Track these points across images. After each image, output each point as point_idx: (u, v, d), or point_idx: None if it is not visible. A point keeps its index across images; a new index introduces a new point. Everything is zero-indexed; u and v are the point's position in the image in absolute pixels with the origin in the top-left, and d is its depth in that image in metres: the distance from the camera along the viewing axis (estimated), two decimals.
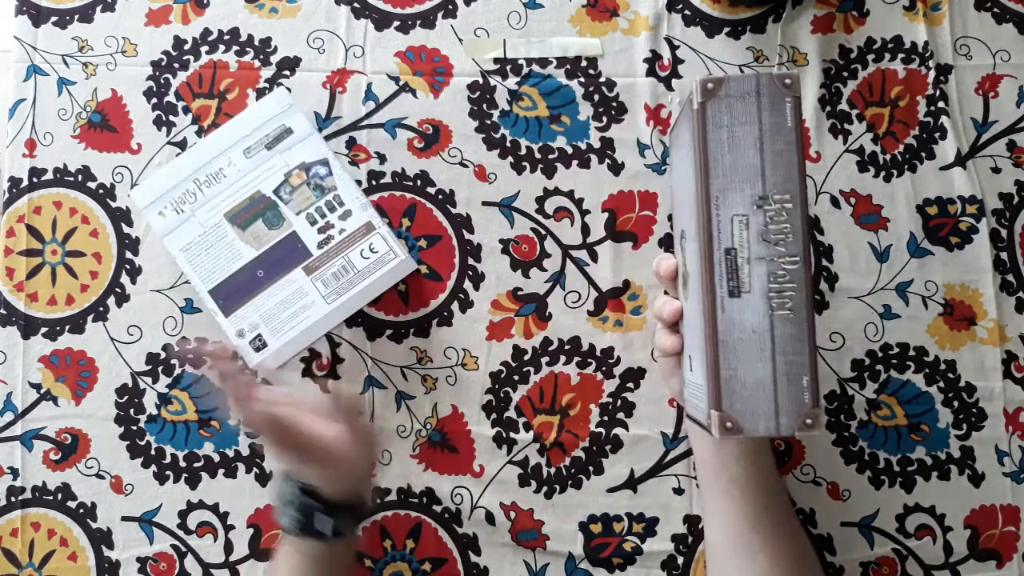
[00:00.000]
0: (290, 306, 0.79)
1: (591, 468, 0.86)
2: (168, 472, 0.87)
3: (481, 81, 0.91)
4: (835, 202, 0.89)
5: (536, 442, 0.86)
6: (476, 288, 0.88)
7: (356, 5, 0.92)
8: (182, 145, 0.90)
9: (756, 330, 0.58)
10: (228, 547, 0.86)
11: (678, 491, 0.85)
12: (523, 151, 0.89)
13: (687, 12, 0.92)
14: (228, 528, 0.86)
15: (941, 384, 0.87)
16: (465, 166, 0.90)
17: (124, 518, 0.86)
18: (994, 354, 0.87)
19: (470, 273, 0.88)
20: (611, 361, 0.87)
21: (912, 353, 0.87)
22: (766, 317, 0.58)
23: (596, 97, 0.90)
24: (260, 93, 0.90)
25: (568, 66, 0.91)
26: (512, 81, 0.91)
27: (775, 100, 0.57)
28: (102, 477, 0.87)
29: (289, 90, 0.88)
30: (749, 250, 0.58)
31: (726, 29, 0.91)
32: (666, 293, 0.75)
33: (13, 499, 0.86)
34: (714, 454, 0.76)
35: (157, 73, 0.91)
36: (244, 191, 0.81)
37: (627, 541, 0.85)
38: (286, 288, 0.79)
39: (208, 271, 0.80)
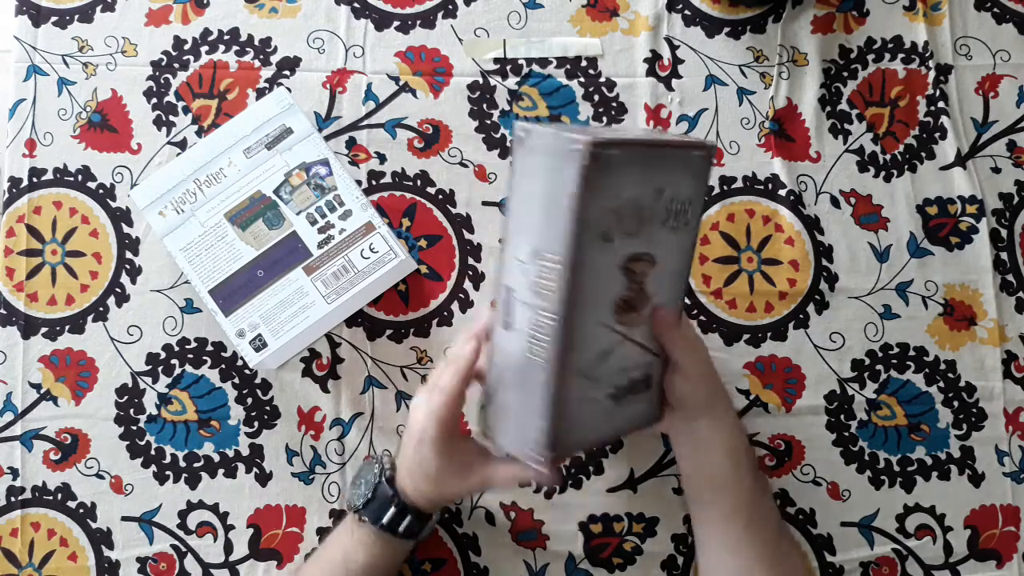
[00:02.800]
0: (290, 306, 0.79)
1: (591, 468, 0.86)
2: (168, 472, 0.86)
3: (481, 81, 0.91)
4: (835, 202, 0.89)
5: None
6: (476, 288, 0.88)
7: (356, 5, 0.92)
8: (182, 145, 0.90)
9: (514, 363, 0.62)
10: (228, 547, 0.86)
11: (678, 491, 0.85)
12: None
13: (687, 12, 0.92)
14: (228, 528, 0.86)
15: (941, 384, 0.87)
16: (465, 166, 0.90)
17: (124, 518, 0.86)
18: (994, 354, 0.87)
19: (470, 273, 0.88)
20: None
21: (912, 353, 0.87)
22: (523, 357, 0.61)
23: (596, 97, 0.90)
24: (260, 93, 0.90)
25: (568, 66, 0.91)
26: (512, 81, 0.91)
27: (565, 163, 0.55)
28: (102, 477, 0.86)
29: (289, 90, 0.88)
30: (522, 294, 0.60)
31: (726, 29, 0.92)
32: None
33: (13, 499, 0.86)
34: (697, 466, 0.76)
35: (157, 73, 0.91)
36: (244, 191, 0.81)
37: (627, 541, 0.85)
38: (286, 288, 0.79)
39: (208, 271, 0.80)
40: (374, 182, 0.89)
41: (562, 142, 0.56)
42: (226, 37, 0.91)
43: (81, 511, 0.86)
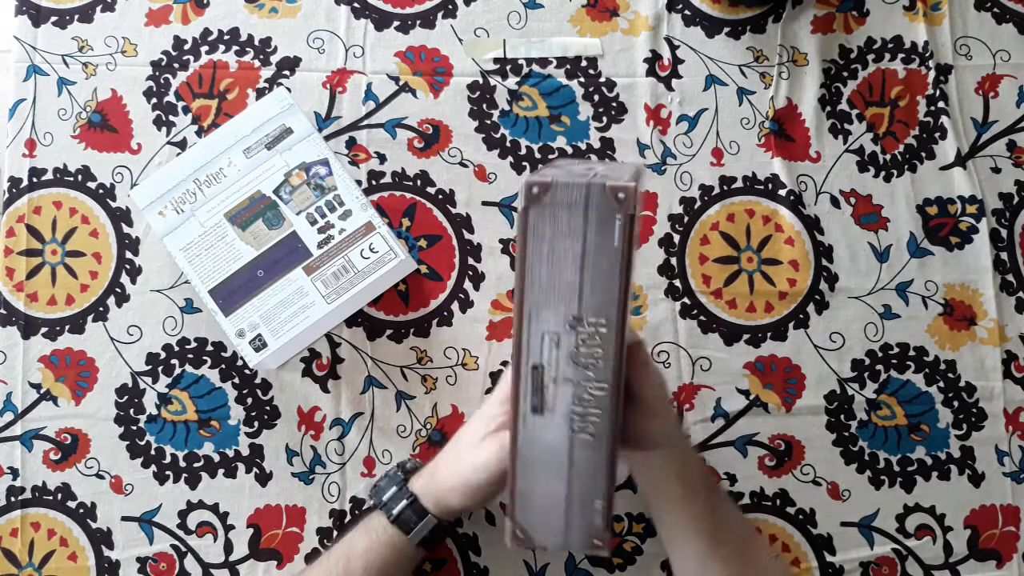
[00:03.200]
0: (290, 306, 0.79)
1: None
2: (168, 472, 0.87)
3: (481, 81, 0.91)
4: (835, 202, 0.89)
5: None
6: (476, 288, 0.88)
7: (356, 5, 0.92)
8: (182, 145, 0.90)
9: (554, 449, 0.56)
10: (228, 547, 0.86)
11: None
12: (523, 151, 0.90)
13: (687, 12, 0.92)
14: (228, 528, 0.86)
15: (941, 384, 0.87)
16: (465, 166, 0.90)
17: (124, 518, 0.86)
18: (994, 354, 0.87)
19: (470, 273, 0.88)
20: None
21: (912, 353, 0.87)
22: (566, 439, 0.56)
23: (596, 97, 0.90)
24: (260, 93, 0.90)
25: (568, 66, 0.91)
26: (512, 81, 0.91)
27: (604, 215, 0.52)
28: (102, 477, 0.86)
29: (289, 90, 0.88)
30: (557, 369, 0.55)
31: (726, 29, 0.92)
32: None
33: (13, 499, 0.86)
34: (654, 491, 0.76)
35: (157, 73, 0.91)
36: (244, 191, 0.81)
37: (627, 541, 0.85)
38: (286, 288, 0.79)
39: (208, 271, 0.80)
40: (374, 182, 0.89)
41: (597, 192, 0.52)
42: (226, 37, 0.91)
43: (81, 511, 0.86)
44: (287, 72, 0.91)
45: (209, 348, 0.87)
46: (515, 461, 0.57)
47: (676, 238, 0.89)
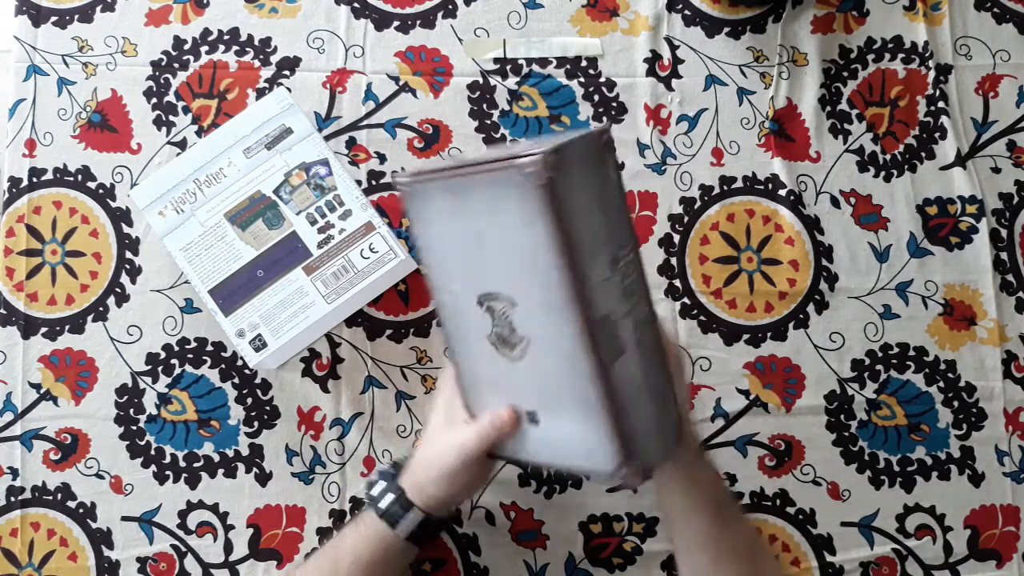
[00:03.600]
0: (290, 306, 0.80)
1: None
2: (168, 472, 0.87)
3: (481, 81, 0.91)
4: (835, 202, 0.89)
5: None
6: None
7: (356, 5, 0.92)
8: (182, 145, 0.90)
9: (636, 379, 0.60)
10: (228, 547, 0.86)
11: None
12: None
13: (687, 12, 0.92)
14: (228, 528, 0.86)
15: (941, 384, 0.87)
16: None
17: (124, 518, 0.86)
18: (994, 354, 0.87)
19: None
20: None
21: (912, 353, 0.87)
22: (640, 364, 0.60)
23: (596, 97, 0.90)
24: (260, 93, 0.90)
25: (568, 66, 0.91)
26: (512, 81, 0.91)
27: (600, 158, 0.57)
28: (102, 477, 0.87)
29: (289, 90, 0.88)
30: (617, 309, 0.59)
31: (726, 29, 0.92)
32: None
33: (13, 499, 0.86)
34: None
35: (157, 73, 0.91)
36: (244, 191, 0.81)
37: (627, 541, 0.86)
38: (286, 288, 0.80)
39: (208, 271, 0.80)
40: (374, 182, 0.89)
41: (596, 137, 0.58)
42: (226, 37, 0.92)
43: (81, 511, 0.86)
44: (287, 72, 0.91)
45: (209, 348, 0.87)
46: (617, 408, 0.58)
47: (676, 238, 0.89)
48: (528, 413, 0.65)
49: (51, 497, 0.86)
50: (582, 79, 0.91)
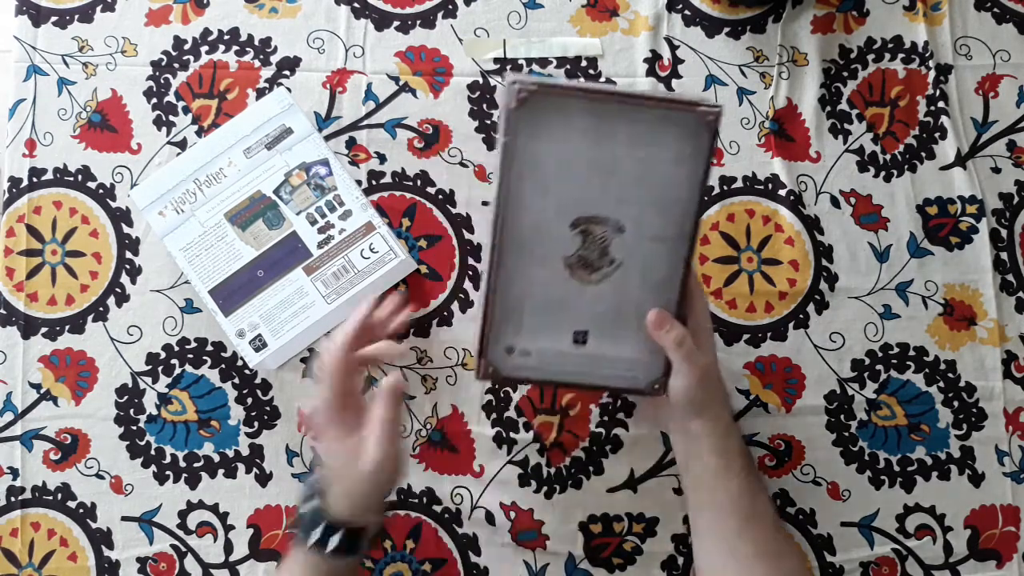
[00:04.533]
0: (290, 306, 0.80)
1: (591, 468, 0.87)
2: (168, 472, 0.87)
3: (481, 81, 0.92)
4: (835, 202, 0.90)
5: (536, 442, 0.87)
6: (476, 288, 0.89)
7: (356, 5, 0.93)
8: (182, 145, 0.90)
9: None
10: (228, 547, 0.87)
11: (678, 491, 0.86)
12: None
13: (687, 12, 0.93)
14: (228, 528, 0.87)
15: (941, 384, 0.88)
16: (465, 166, 0.90)
17: (124, 518, 0.87)
18: (994, 354, 0.88)
19: (470, 273, 0.89)
20: None
21: (912, 353, 0.88)
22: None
23: None
24: (260, 93, 0.91)
25: (568, 66, 0.91)
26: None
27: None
28: (102, 477, 0.87)
29: (289, 90, 0.89)
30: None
31: (726, 29, 0.92)
32: None
33: (13, 499, 0.87)
34: (689, 464, 0.76)
35: (157, 73, 0.92)
36: (244, 191, 0.82)
37: (627, 541, 0.86)
38: (286, 288, 0.80)
39: (208, 271, 0.81)
40: (374, 182, 0.90)
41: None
42: (226, 37, 0.92)
43: (81, 511, 0.87)
44: (287, 72, 0.91)
45: (209, 348, 0.88)
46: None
47: None
48: (578, 333, 0.70)
49: (51, 497, 0.87)
50: (582, 79, 0.91)
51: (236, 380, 0.88)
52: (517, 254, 0.68)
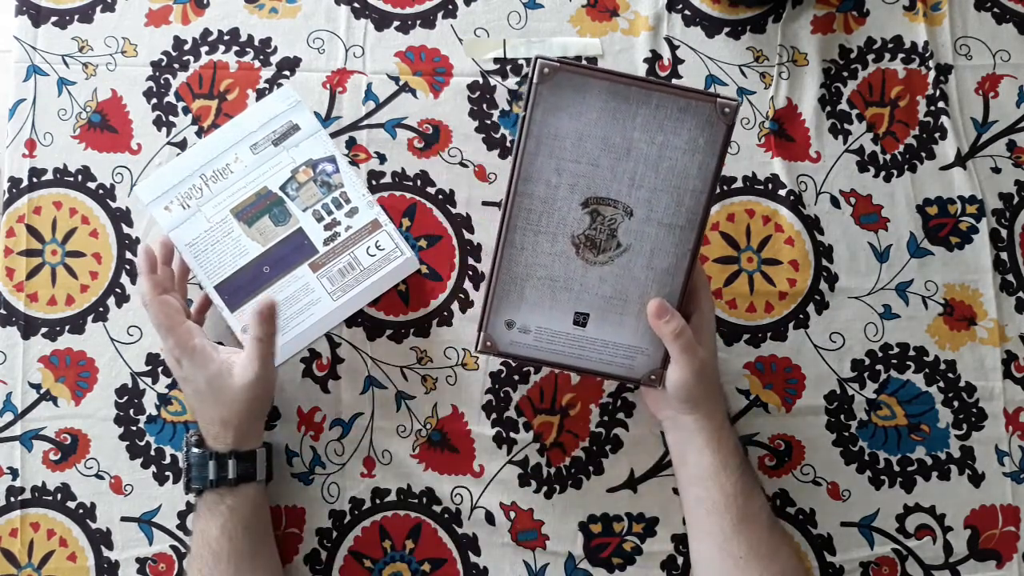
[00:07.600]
0: (296, 302, 0.83)
1: (591, 468, 0.90)
2: (168, 472, 0.90)
3: (481, 81, 0.95)
4: (835, 202, 0.93)
5: (536, 442, 0.90)
6: (476, 288, 0.92)
7: (356, 5, 0.96)
8: (182, 145, 0.94)
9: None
10: None
11: (678, 491, 0.88)
12: None
13: (687, 12, 0.96)
14: None
15: (941, 384, 0.91)
16: (465, 166, 0.94)
17: (123, 518, 0.90)
18: (994, 354, 0.91)
19: (470, 273, 0.92)
20: None
21: (912, 353, 0.91)
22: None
23: None
24: (260, 93, 0.94)
25: None
26: (512, 81, 0.95)
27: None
28: (102, 477, 0.90)
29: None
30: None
31: (726, 29, 0.96)
32: None
33: (13, 499, 0.90)
34: (683, 460, 0.81)
35: (157, 73, 0.95)
36: (251, 187, 0.84)
37: (627, 541, 0.89)
38: (292, 284, 0.83)
39: (214, 266, 0.83)
40: (374, 182, 0.93)
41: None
42: (226, 37, 0.96)
43: (81, 511, 0.90)
44: (287, 72, 0.95)
45: None
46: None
47: None
48: (579, 315, 0.76)
49: (51, 497, 0.90)
50: None
51: None
52: (525, 227, 0.73)
